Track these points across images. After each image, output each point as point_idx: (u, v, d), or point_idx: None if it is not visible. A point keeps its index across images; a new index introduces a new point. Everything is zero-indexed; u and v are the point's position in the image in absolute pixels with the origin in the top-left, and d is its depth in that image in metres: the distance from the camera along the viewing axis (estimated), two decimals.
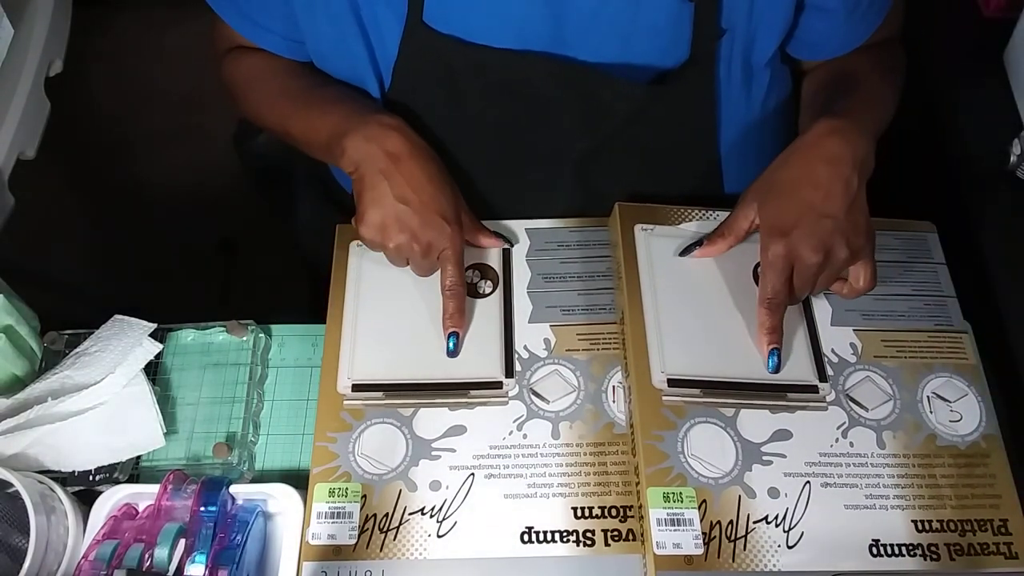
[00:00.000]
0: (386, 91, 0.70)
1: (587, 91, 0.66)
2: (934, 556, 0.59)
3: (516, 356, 0.66)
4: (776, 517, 0.59)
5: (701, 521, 0.58)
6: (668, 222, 0.70)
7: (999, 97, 0.79)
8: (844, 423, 0.63)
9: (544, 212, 0.74)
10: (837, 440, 0.62)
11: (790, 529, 0.58)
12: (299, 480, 0.63)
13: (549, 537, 0.59)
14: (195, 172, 1.55)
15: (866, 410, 0.64)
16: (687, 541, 0.57)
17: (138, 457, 0.66)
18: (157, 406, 0.66)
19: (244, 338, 0.71)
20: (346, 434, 0.63)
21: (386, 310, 0.68)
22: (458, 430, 0.63)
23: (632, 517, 0.60)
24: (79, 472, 0.64)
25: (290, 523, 0.60)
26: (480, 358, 0.66)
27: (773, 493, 0.60)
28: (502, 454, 0.62)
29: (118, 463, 0.65)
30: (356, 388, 0.65)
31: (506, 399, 0.65)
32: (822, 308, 0.68)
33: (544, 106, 0.68)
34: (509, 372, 0.66)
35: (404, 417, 0.64)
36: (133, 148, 1.64)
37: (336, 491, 0.61)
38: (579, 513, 0.60)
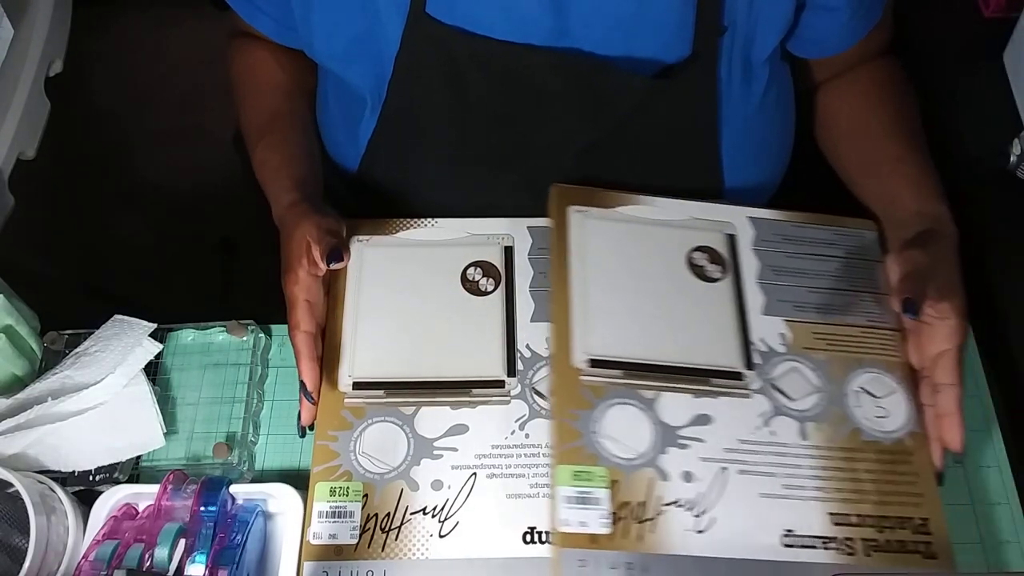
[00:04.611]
0: (388, 82, 0.70)
1: (589, 84, 0.66)
2: (849, 550, 0.58)
3: (518, 355, 0.66)
4: (688, 501, 0.59)
5: (611, 501, 0.58)
6: (604, 205, 0.70)
7: (999, 97, 0.79)
8: (767, 411, 0.63)
9: (543, 205, 0.74)
10: (758, 428, 0.62)
11: (702, 514, 0.58)
12: (299, 480, 0.63)
13: (550, 537, 0.59)
14: (195, 172, 1.55)
15: (791, 400, 0.63)
16: (593, 520, 0.57)
17: (138, 457, 0.66)
18: (157, 406, 0.66)
19: (244, 338, 0.71)
20: (347, 433, 0.63)
21: (387, 308, 0.68)
22: (460, 429, 0.63)
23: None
24: (79, 472, 0.64)
25: (290, 523, 0.60)
26: (482, 357, 0.66)
27: (687, 477, 0.60)
28: (504, 453, 0.62)
29: (118, 463, 0.65)
30: (357, 386, 0.65)
31: (508, 398, 0.64)
32: (754, 296, 0.68)
33: (546, 98, 0.68)
34: (511, 371, 0.66)
35: (405, 416, 0.64)
36: (133, 148, 1.64)
37: (337, 490, 0.61)
38: None
